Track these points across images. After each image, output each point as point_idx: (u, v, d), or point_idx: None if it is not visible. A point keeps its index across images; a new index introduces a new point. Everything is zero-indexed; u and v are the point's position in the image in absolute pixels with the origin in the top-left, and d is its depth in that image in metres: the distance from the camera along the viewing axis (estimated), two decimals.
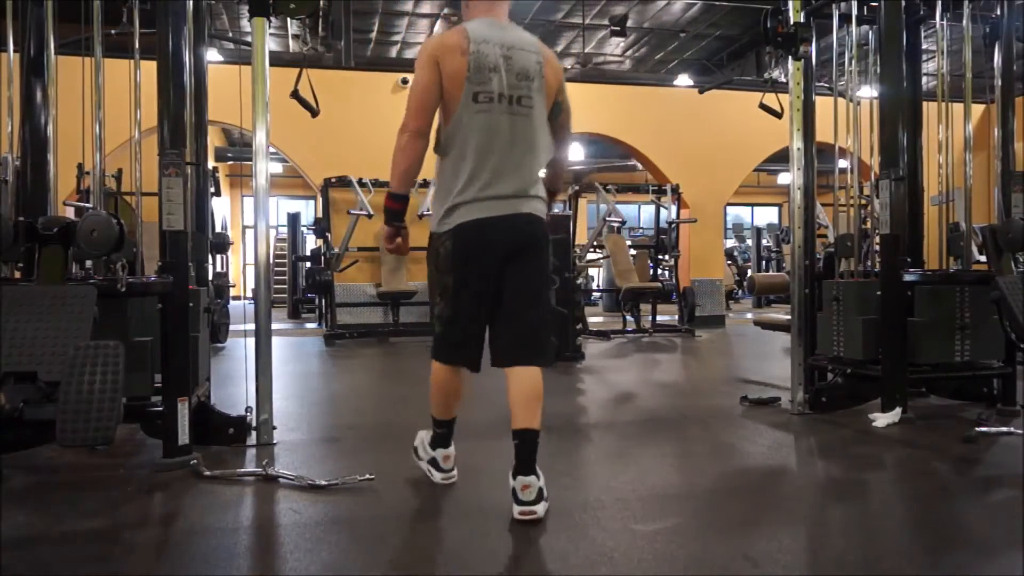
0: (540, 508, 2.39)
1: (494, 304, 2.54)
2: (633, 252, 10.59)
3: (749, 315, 11.92)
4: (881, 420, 3.75)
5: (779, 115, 4.60)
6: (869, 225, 4.49)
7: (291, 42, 11.21)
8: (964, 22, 4.30)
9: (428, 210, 8.68)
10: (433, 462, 2.82)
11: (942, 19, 4.31)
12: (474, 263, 2.50)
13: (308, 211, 17.20)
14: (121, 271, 2.98)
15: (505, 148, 2.48)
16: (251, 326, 3.62)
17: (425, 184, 8.85)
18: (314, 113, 4.01)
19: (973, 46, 4.29)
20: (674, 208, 9.86)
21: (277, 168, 16.00)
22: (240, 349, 3.81)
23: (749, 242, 17.66)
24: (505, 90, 2.47)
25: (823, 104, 4.43)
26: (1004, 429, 3.55)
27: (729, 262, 15.04)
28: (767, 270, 15.93)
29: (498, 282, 2.52)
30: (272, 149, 6.15)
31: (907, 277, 3.90)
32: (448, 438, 2.81)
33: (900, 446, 3.46)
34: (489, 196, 2.47)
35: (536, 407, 2.46)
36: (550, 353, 2.64)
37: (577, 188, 9.77)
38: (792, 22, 4.07)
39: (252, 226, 3.60)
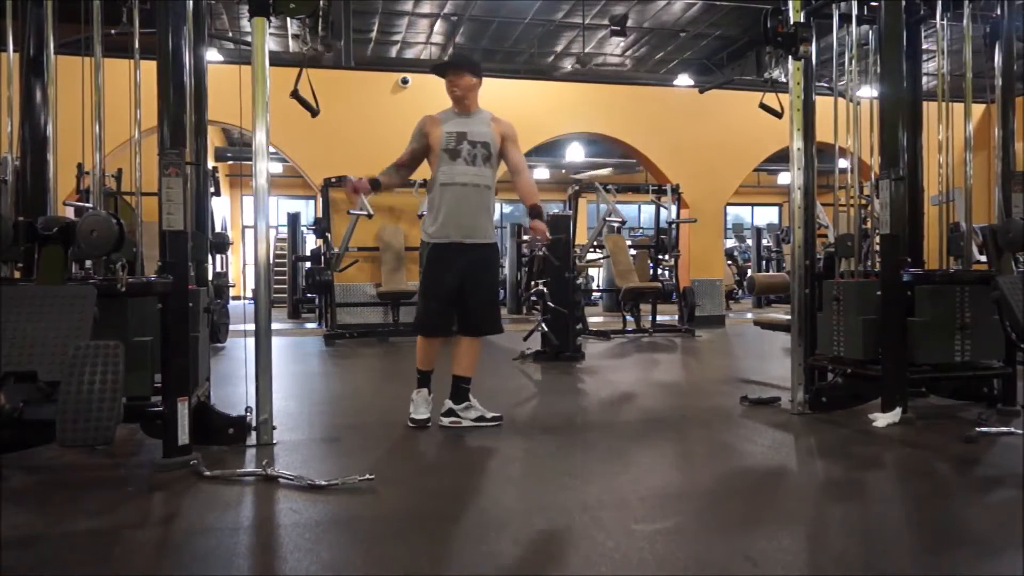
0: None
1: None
2: (633, 252, 10.58)
3: (749, 315, 11.92)
4: (881, 420, 3.75)
5: (779, 115, 4.60)
6: (869, 225, 4.48)
7: (291, 42, 11.22)
8: (964, 22, 4.30)
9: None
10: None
11: (942, 19, 4.30)
12: None
13: (308, 211, 17.20)
14: (121, 271, 2.97)
15: None
16: (251, 326, 3.62)
17: (423, 185, 8.86)
18: (314, 113, 4.00)
19: (973, 46, 4.28)
20: (674, 208, 9.85)
21: (277, 168, 16.00)
22: (240, 349, 3.81)
23: (749, 242, 17.64)
24: None
25: (823, 104, 4.43)
26: (1004, 429, 3.55)
27: (729, 262, 15.03)
28: (767, 270, 15.93)
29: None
30: (272, 149, 6.15)
31: (907, 277, 3.90)
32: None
33: (900, 446, 3.46)
34: None
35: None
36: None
37: (577, 188, 9.77)
38: (792, 22, 4.07)
39: (252, 226, 3.60)
